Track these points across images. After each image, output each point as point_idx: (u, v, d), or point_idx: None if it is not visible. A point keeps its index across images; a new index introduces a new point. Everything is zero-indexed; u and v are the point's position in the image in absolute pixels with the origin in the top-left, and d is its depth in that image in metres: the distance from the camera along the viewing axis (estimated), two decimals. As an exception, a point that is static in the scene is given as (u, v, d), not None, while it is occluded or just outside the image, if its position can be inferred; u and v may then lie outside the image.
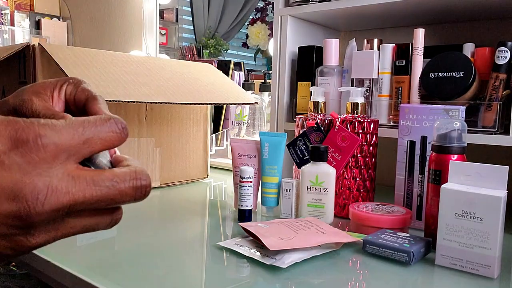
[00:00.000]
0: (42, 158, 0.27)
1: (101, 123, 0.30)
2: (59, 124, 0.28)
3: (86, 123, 0.29)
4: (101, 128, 0.30)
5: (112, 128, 0.30)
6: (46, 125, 0.27)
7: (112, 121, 0.30)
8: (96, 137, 0.29)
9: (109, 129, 0.30)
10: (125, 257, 0.63)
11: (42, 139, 0.26)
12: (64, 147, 0.28)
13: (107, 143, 0.30)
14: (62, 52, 0.84)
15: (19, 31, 2.30)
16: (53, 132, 0.27)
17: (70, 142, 0.28)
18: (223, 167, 1.37)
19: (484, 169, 0.59)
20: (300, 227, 0.67)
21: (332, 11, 0.99)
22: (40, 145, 0.26)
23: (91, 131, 0.29)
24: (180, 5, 2.40)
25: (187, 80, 0.99)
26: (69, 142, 0.28)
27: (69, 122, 0.28)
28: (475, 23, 1.03)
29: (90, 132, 0.29)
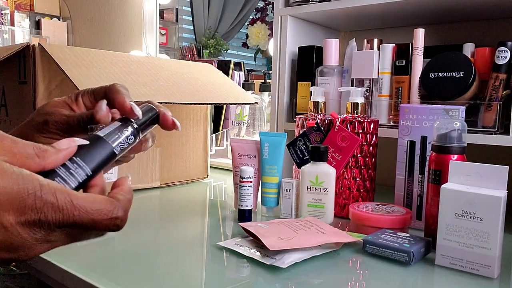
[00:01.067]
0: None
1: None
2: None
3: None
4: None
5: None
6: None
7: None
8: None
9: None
10: (125, 257, 0.63)
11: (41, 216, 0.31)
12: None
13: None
14: (62, 52, 0.84)
15: (19, 31, 2.30)
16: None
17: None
18: (223, 167, 1.37)
19: (484, 169, 0.59)
20: (300, 227, 0.67)
21: (332, 11, 0.99)
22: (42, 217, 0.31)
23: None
24: (180, 5, 2.40)
25: (187, 80, 0.99)
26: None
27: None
28: (475, 23, 1.03)
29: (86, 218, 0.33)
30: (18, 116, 0.90)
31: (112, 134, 0.38)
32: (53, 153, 0.33)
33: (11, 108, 0.92)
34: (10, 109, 0.92)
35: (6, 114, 0.93)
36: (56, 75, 0.86)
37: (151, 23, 2.00)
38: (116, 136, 0.38)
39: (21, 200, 0.29)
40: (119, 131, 0.39)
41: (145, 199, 0.97)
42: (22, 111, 0.88)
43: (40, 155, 0.33)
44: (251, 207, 0.79)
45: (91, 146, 0.36)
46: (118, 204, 0.35)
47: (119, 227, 0.35)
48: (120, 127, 0.39)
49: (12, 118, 0.92)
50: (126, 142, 0.39)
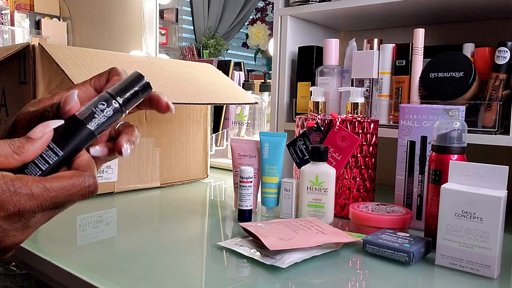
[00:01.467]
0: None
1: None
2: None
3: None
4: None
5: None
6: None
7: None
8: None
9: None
10: (125, 257, 0.63)
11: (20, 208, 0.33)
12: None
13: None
14: (62, 52, 0.84)
15: (19, 31, 2.30)
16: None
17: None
18: (223, 167, 1.37)
19: (484, 169, 0.59)
20: (300, 227, 0.67)
21: (332, 11, 0.99)
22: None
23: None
24: (180, 5, 2.40)
25: (187, 80, 0.99)
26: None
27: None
28: (475, 23, 1.03)
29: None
30: (18, 116, 0.90)
31: (85, 110, 0.37)
32: (30, 146, 0.34)
33: (11, 108, 0.92)
34: (10, 109, 0.92)
35: (6, 114, 0.93)
36: (56, 75, 0.86)
37: (151, 23, 2.00)
38: (89, 111, 0.37)
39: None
40: (94, 106, 0.37)
41: (145, 199, 0.97)
42: (22, 111, 0.87)
43: (18, 151, 0.34)
44: (251, 207, 0.79)
45: (65, 127, 0.36)
46: (86, 173, 0.36)
47: (93, 193, 0.36)
48: (95, 101, 0.37)
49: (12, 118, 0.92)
50: (103, 116, 0.37)
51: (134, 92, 0.38)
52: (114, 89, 0.38)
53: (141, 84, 0.39)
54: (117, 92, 0.38)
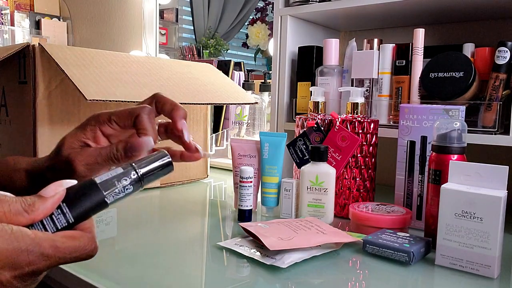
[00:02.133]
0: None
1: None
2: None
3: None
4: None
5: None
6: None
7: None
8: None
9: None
10: (125, 257, 0.63)
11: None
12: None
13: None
14: (62, 52, 0.84)
15: (19, 31, 2.30)
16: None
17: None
18: (223, 167, 1.37)
19: (484, 169, 0.59)
20: (300, 227, 0.67)
21: (332, 11, 0.99)
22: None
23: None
24: (180, 5, 2.40)
25: (187, 80, 0.99)
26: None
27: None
28: (475, 23, 1.03)
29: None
30: (18, 116, 0.90)
31: (108, 181, 0.37)
32: (40, 205, 0.35)
33: (11, 108, 0.92)
34: (10, 109, 0.92)
35: (6, 114, 0.93)
36: (56, 75, 0.86)
37: (151, 23, 2.00)
38: (112, 183, 0.37)
39: (15, 258, 0.32)
40: (117, 179, 0.37)
41: (145, 199, 0.97)
42: (22, 111, 0.88)
43: (29, 210, 0.35)
44: (251, 207, 0.79)
45: (81, 191, 0.36)
46: (90, 235, 0.37)
47: (92, 256, 0.37)
48: (120, 175, 0.37)
49: (12, 118, 0.92)
50: (122, 192, 0.37)
51: (157, 172, 0.39)
52: (140, 165, 0.38)
53: (164, 165, 0.40)
54: (142, 169, 0.38)
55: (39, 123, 0.84)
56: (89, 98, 0.73)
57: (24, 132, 0.87)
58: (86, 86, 0.76)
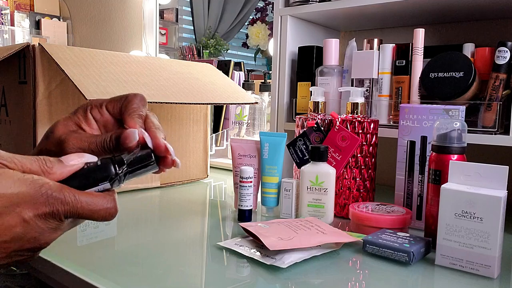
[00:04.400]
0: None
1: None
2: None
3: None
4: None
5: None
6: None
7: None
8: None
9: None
10: (125, 257, 0.63)
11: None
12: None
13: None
14: (62, 52, 0.84)
15: (19, 31, 2.30)
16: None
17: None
18: (223, 167, 1.37)
19: (484, 169, 0.59)
20: (300, 227, 0.67)
21: (332, 11, 0.99)
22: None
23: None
24: (180, 5, 2.40)
25: (187, 80, 0.99)
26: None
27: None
28: (475, 23, 1.03)
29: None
30: (18, 116, 0.90)
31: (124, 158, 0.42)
32: (58, 169, 0.39)
33: (11, 108, 0.92)
34: (10, 109, 0.92)
35: (6, 114, 0.93)
36: (56, 75, 0.86)
37: (151, 23, 2.00)
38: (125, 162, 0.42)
39: (36, 199, 0.36)
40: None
41: (145, 199, 0.97)
42: (22, 111, 0.88)
43: (46, 171, 0.38)
44: (251, 207, 0.79)
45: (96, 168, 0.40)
46: (110, 197, 0.40)
47: (112, 216, 0.40)
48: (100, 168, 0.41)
49: (12, 118, 0.92)
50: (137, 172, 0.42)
51: (137, 169, 0.43)
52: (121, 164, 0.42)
53: (147, 164, 0.43)
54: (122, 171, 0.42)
55: (39, 123, 0.84)
56: (89, 98, 0.73)
57: (24, 132, 0.87)
58: (86, 86, 0.76)
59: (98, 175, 0.40)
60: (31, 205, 0.36)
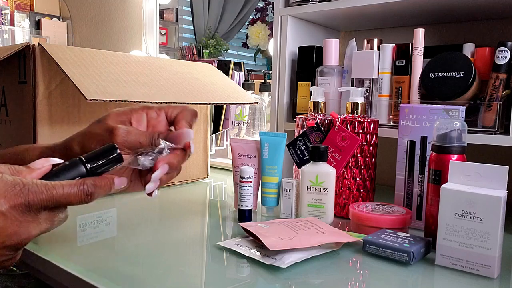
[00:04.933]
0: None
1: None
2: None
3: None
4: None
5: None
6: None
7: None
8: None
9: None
10: (125, 257, 0.63)
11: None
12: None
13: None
14: (62, 52, 0.84)
15: (19, 31, 2.30)
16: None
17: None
18: (223, 167, 1.37)
19: (484, 169, 0.59)
20: (300, 227, 0.67)
21: (332, 11, 0.99)
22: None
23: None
24: (180, 5, 2.40)
25: (187, 80, 0.99)
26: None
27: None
28: (475, 23, 1.03)
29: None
30: (18, 116, 0.90)
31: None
32: (28, 173, 0.41)
33: (11, 108, 0.92)
34: (10, 109, 0.92)
35: (6, 114, 0.93)
36: (56, 75, 0.86)
37: (151, 23, 2.00)
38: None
39: (10, 190, 0.37)
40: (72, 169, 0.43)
41: (145, 199, 0.97)
42: (22, 111, 0.87)
43: (16, 175, 0.40)
44: (251, 207, 0.79)
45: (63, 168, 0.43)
46: (88, 181, 0.42)
47: (91, 197, 0.42)
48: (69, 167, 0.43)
49: (12, 118, 0.92)
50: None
51: (103, 165, 0.45)
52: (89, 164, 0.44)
53: (112, 158, 0.45)
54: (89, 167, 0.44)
55: (39, 123, 0.84)
56: (89, 98, 0.73)
57: (24, 132, 0.87)
58: (86, 86, 0.76)
59: (68, 174, 0.42)
60: (6, 198, 0.37)
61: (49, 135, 0.85)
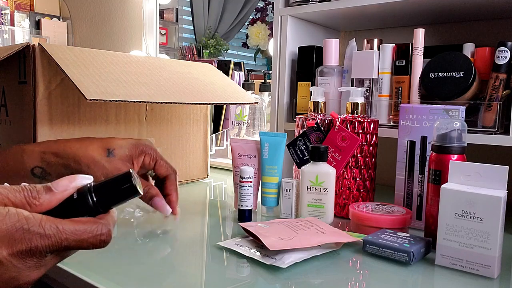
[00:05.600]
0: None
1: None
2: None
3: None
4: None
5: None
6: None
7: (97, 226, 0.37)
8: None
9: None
10: (125, 257, 0.63)
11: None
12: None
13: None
14: (62, 52, 0.84)
15: (19, 31, 2.30)
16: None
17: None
18: (223, 167, 1.37)
19: (484, 169, 0.59)
20: (300, 227, 0.67)
21: (332, 11, 0.99)
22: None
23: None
24: (180, 5, 2.40)
25: (187, 80, 0.99)
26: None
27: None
28: (475, 23, 1.03)
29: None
30: (18, 116, 0.90)
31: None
32: (46, 199, 0.35)
33: (11, 108, 0.92)
34: (10, 109, 0.92)
35: (6, 114, 0.93)
36: (56, 75, 0.86)
37: (151, 23, 2.00)
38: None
39: (10, 235, 0.32)
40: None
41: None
42: (22, 111, 0.87)
43: (31, 203, 0.35)
44: (251, 207, 0.79)
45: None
46: (101, 222, 0.36)
47: (105, 243, 0.37)
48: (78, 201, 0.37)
49: (12, 118, 0.92)
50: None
51: (114, 199, 0.39)
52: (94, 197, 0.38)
53: (125, 190, 0.38)
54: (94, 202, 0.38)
55: (39, 123, 0.84)
56: (89, 98, 0.73)
57: (24, 132, 0.87)
58: (86, 86, 0.76)
59: (76, 211, 0.36)
60: (5, 243, 0.32)
61: (49, 135, 0.85)
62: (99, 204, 0.37)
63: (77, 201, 0.37)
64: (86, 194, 0.37)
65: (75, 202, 0.36)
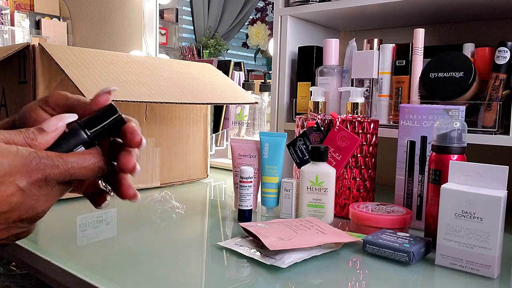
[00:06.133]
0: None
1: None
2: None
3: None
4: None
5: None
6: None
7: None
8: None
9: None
10: (125, 257, 0.63)
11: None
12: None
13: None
14: (62, 52, 0.84)
15: (19, 31, 2.30)
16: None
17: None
18: (223, 167, 1.37)
19: (484, 169, 0.59)
20: (300, 227, 0.67)
21: (332, 11, 0.99)
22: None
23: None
24: (180, 5, 2.40)
25: (187, 80, 0.99)
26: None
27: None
28: (475, 23, 1.03)
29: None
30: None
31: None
32: (42, 139, 0.39)
33: (11, 108, 0.92)
34: (10, 109, 0.92)
35: (6, 114, 0.93)
36: (56, 75, 0.86)
37: (151, 23, 2.00)
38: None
39: (27, 166, 0.37)
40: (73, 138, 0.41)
41: (145, 199, 0.97)
42: (22, 111, 0.87)
43: (31, 143, 0.39)
44: (251, 207, 0.79)
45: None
46: (95, 152, 0.41)
47: (102, 169, 0.41)
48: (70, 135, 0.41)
49: (12, 118, 0.91)
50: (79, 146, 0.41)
51: (105, 130, 0.42)
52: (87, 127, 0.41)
53: (113, 121, 0.42)
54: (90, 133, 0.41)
55: (39, 123, 0.84)
56: (90, 98, 0.73)
57: (24, 132, 0.87)
58: (86, 86, 0.76)
59: (69, 143, 0.40)
60: (24, 173, 0.37)
61: (49, 135, 0.85)
62: (93, 137, 0.41)
63: (70, 136, 0.40)
64: (78, 129, 0.41)
65: (69, 138, 0.40)
